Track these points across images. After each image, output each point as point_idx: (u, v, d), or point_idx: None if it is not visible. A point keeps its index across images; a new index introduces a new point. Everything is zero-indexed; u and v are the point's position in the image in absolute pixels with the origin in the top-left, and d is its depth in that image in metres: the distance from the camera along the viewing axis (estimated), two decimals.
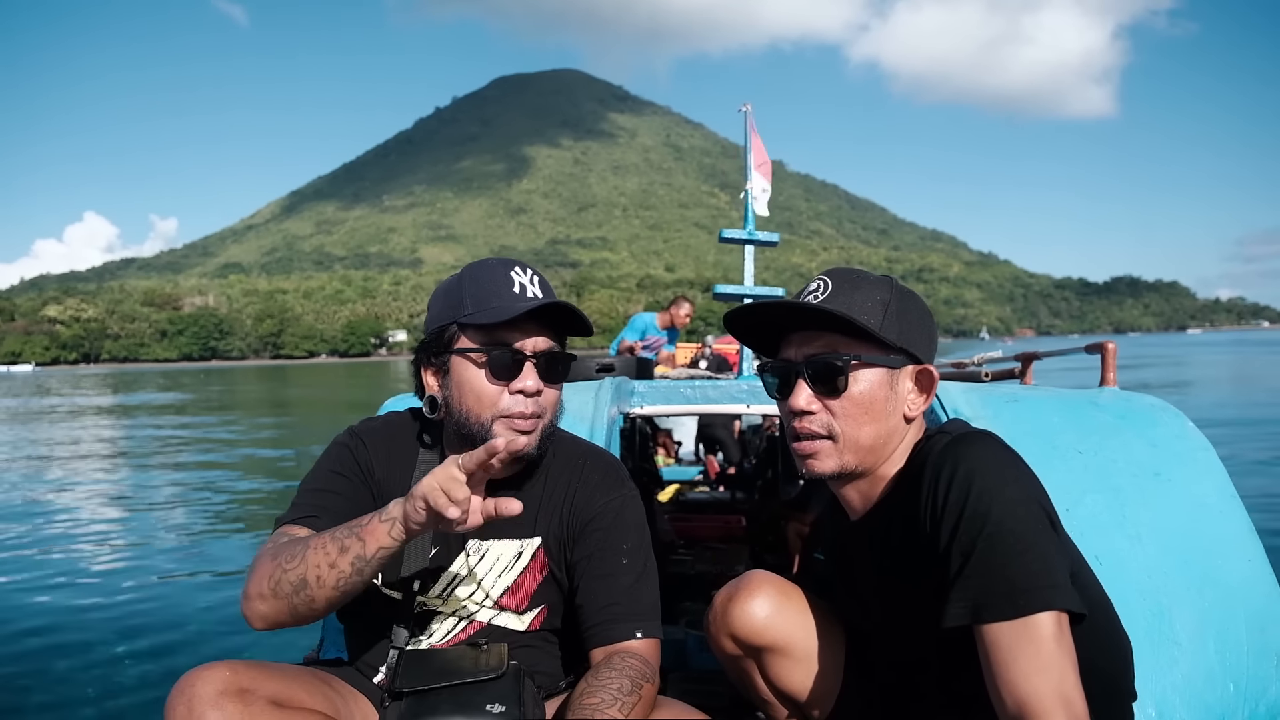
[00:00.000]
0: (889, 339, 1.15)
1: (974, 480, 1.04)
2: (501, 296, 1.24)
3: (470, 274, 1.29)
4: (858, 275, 1.20)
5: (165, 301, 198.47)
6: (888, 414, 1.17)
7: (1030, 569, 0.99)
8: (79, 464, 11.13)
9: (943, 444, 1.12)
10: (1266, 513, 5.68)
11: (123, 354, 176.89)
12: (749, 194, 2.85)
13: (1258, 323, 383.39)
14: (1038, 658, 0.97)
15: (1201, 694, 1.53)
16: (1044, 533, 1.03)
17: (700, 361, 5.42)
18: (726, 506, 4.60)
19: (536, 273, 1.30)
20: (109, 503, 8.14)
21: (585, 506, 1.33)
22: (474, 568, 1.33)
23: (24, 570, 5.21)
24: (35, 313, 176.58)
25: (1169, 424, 1.87)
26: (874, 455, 1.18)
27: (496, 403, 1.24)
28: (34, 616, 4.21)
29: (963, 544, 1.03)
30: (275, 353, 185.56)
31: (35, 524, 6.78)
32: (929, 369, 1.19)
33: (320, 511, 1.26)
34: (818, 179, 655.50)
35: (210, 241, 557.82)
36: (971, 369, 2.74)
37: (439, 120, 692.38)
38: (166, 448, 13.21)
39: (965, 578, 1.02)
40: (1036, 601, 0.98)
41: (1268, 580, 1.69)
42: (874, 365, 1.15)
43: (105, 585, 4.83)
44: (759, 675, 1.40)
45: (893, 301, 1.17)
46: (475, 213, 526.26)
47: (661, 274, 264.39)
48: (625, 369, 2.49)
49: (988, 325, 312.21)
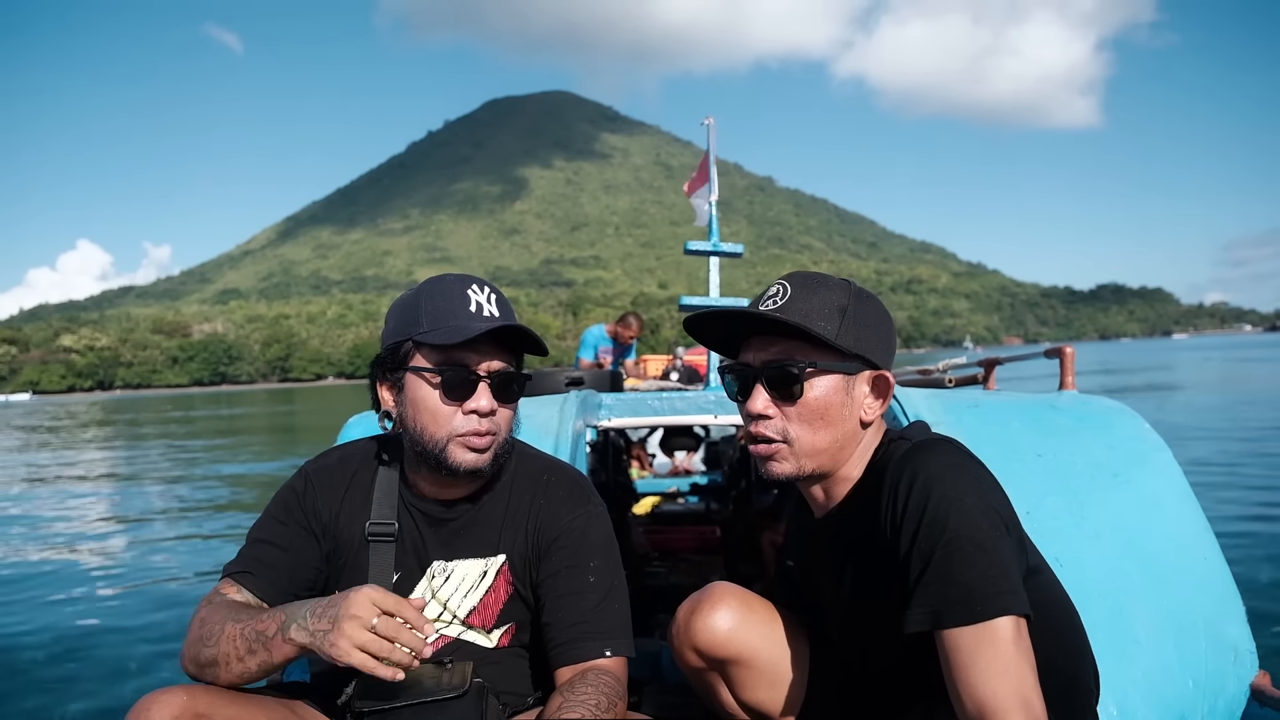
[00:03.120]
0: (845, 346, 1.16)
1: (932, 488, 1.06)
2: (457, 315, 1.24)
3: (427, 291, 1.27)
4: (816, 280, 1.20)
5: (174, 329, 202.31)
6: (843, 419, 1.18)
7: (987, 575, 1.01)
8: (74, 484, 11.08)
9: (903, 450, 1.14)
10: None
11: (136, 380, 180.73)
12: (712, 206, 2.91)
13: (1240, 326, 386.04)
14: (996, 661, 0.99)
15: (1161, 691, 1.55)
16: (1001, 539, 1.05)
17: (671, 373, 5.45)
18: (701, 518, 4.59)
19: (494, 290, 1.29)
20: (72, 519, 8.04)
21: (550, 524, 1.32)
22: (438, 589, 1.32)
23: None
24: (49, 342, 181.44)
25: (1126, 426, 1.90)
26: (831, 459, 1.20)
27: (451, 422, 1.23)
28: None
29: (922, 551, 1.05)
30: (283, 376, 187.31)
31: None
32: (884, 375, 1.20)
33: (256, 567, 1.26)
34: (807, 194, 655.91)
35: (207, 268, 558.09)
36: (936, 375, 2.78)
37: (431, 143, 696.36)
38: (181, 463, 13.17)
39: (925, 584, 1.04)
40: (994, 607, 1.00)
41: (1224, 577, 1.71)
42: (829, 372, 1.17)
43: (61, 602, 4.74)
44: (724, 688, 1.40)
45: (850, 307, 1.18)
46: (469, 234, 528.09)
47: (655, 291, 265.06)
48: (594, 382, 2.52)
49: (972, 335, 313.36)
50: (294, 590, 1.28)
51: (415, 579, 1.33)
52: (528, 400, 2.20)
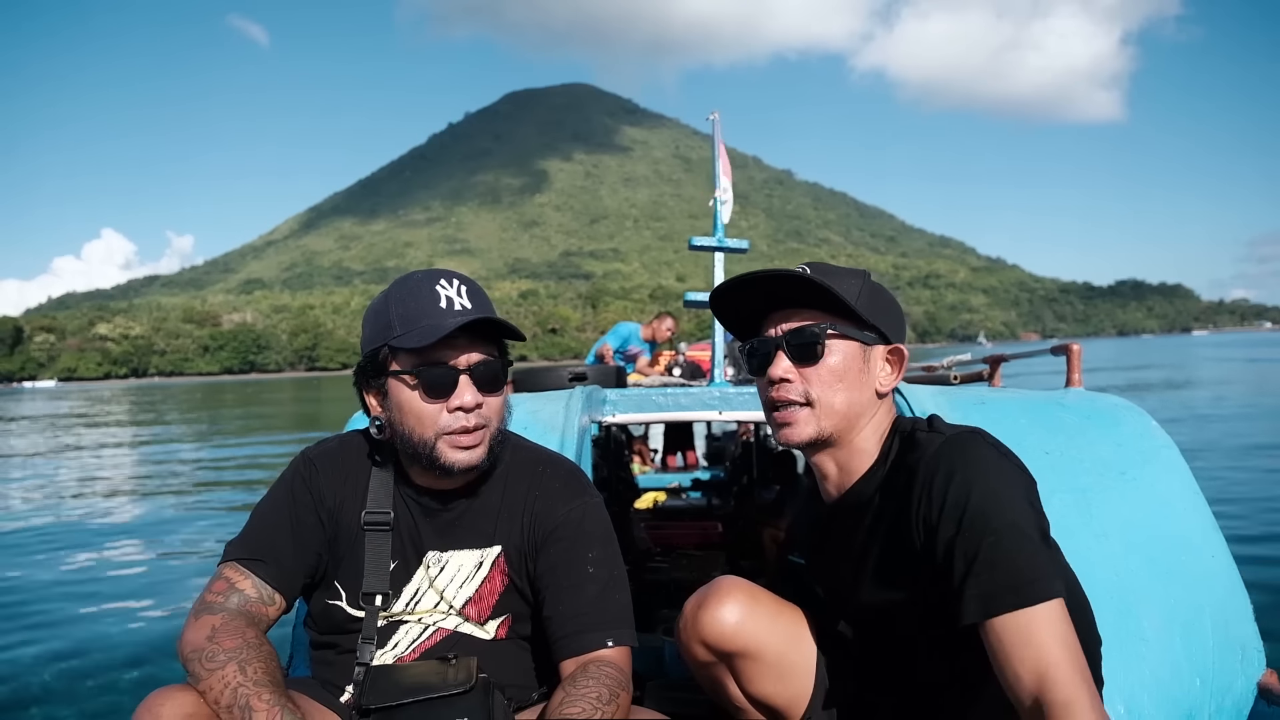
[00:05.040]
0: (863, 314, 1.22)
1: (974, 482, 1.09)
2: (428, 314, 1.22)
3: (396, 293, 1.26)
4: (832, 266, 1.26)
5: (205, 319, 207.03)
6: (861, 385, 1.23)
7: (1035, 561, 1.05)
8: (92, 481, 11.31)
9: (936, 444, 1.16)
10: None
11: (169, 369, 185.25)
12: (718, 201, 2.90)
13: (1260, 324, 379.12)
14: (1052, 637, 1.02)
15: (1169, 689, 1.55)
16: (1040, 529, 1.09)
17: (674, 369, 5.44)
18: (703, 513, 4.59)
19: (464, 281, 1.27)
20: (86, 510, 8.14)
21: (546, 516, 1.32)
22: (435, 580, 1.32)
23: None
24: (85, 330, 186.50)
25: (1133, 423, 1.89)
26: (848, 423, 1.23)
27: (437, 421, 1.23)
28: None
29: (968, 544, 1.07)
30: (310, 365, 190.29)
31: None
32: (899, 347, 1.27)
33: (266, 555, 1.26)
34: (826, 187, 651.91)
35: (231, 258, 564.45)
36: (941, 372, 2.77)
37: (452, 135, 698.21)
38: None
39: (975, 575, 1.06)
40: (1044, 591, 1.03)
41: (1231, 575, 1.71)
42: (848, 338, 1.22)
43: (73, 597, 4.74)
44: (731, 682, 1.41)
45: (865, 286, 1.25)
46: (489, 226, 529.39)
47: (673, 284, 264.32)
48: (598, 378, 2.53)
49: (987, 330, 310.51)
50: (300, 579, 1.29)
51: (411, 568, 1.33)
52: (533, 395, 2.22)
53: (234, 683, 1.10)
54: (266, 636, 1.22)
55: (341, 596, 1.32)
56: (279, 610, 1.28)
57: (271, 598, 1.25)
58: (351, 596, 1.31)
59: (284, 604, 1.28)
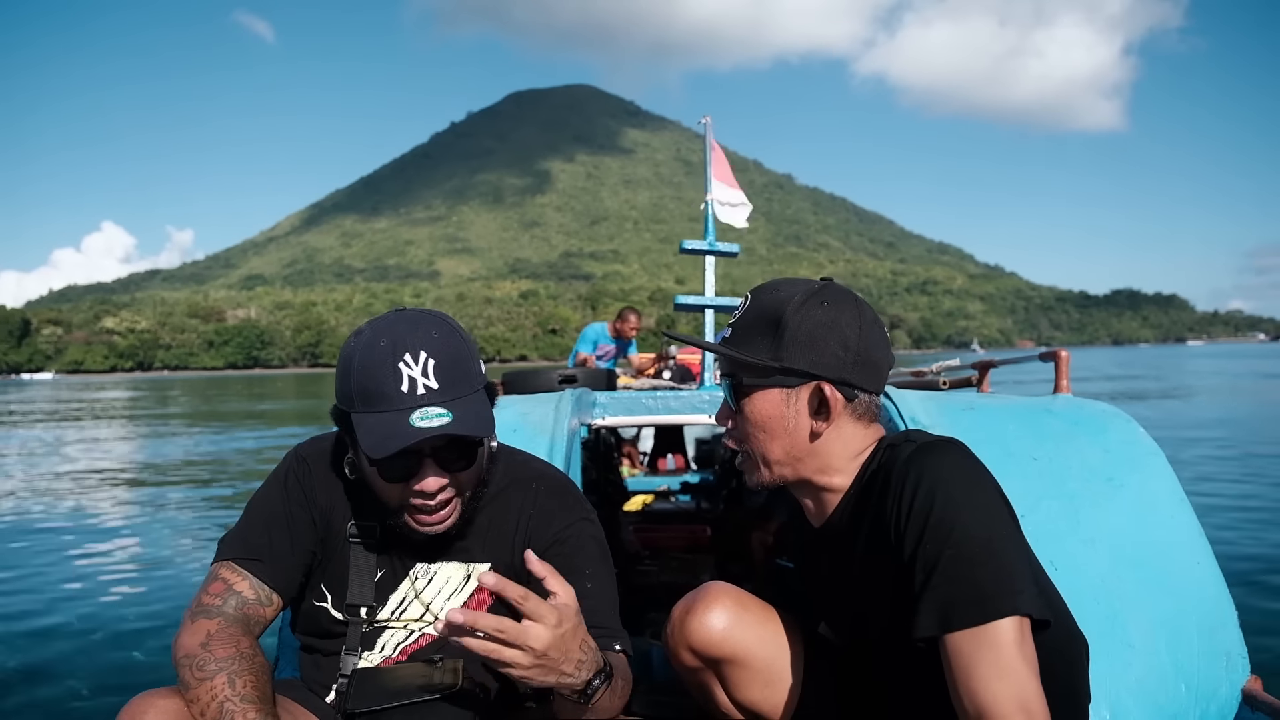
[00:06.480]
0: (778, 363, 1.15)
1: (937, 490, 1.05)
2: (387, 396, 1.12)
3: (359, 362, 1.15)
4: (773, 290, 1.20)
5: (209, 314, 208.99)
6: (789, 431, 1.17)
7: (995, 575, 1.00)
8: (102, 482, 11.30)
9: (906, 453, 1.12)
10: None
11: (174, 363, 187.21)
12: (710, 205, 2.90)
13: (1254, 335, 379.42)
14: (998, 664, 0.97)
15: (1155, 695, 1.55)
16: (1008, 540, 1.04)
17: (664, 372, 5.42)
18: (691, 516, 4.57)
19: (433, 353, 1.14)
20: (89, 509, 8.06)
21: (540, 535, 1.30)
22: (421, 590, 1.31)
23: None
24: (91, 324, 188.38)
25: (1121, 430, 1.89)
26: (793, 470, 1.19)
27: (400, 497, 1.19)
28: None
29: (928, 555, 1.03)
30: (313, 361, 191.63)
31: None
32: (821, 387, 1.15)
33: (263, 553, 1.24)
34: (826, 192, 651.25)
35: (232, 253, 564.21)
36: (930, 377, 2.78)
37: (454, 134, 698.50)
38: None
39: (933, 588, 1.03)
40: (1000, 607, 0.99)
41: (1217, 582, 1.71)
42: (764, 387, 1.17)
43: (57, 598, 4.66)
44: (718, 687, 1.40)
45: (790, 319, 1.15)
46: (490, 225, 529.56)
47: (672, 286, 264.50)
48: (588, 381, 2.53)
49: (980, 338, 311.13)
50: (297, 577, 1.28)
51: (398, 579, 1.31)
52: (523, 398, 2.22)
53: (221, 696, 1.08)
54: (260, 645, 1.19)
55: (327, 599, 1.31)
56: (276, 610, 1.26)
57: (269, 598, 1.24)
58: (337, 600, 1.30)
59: (281, 603, 1.26)
